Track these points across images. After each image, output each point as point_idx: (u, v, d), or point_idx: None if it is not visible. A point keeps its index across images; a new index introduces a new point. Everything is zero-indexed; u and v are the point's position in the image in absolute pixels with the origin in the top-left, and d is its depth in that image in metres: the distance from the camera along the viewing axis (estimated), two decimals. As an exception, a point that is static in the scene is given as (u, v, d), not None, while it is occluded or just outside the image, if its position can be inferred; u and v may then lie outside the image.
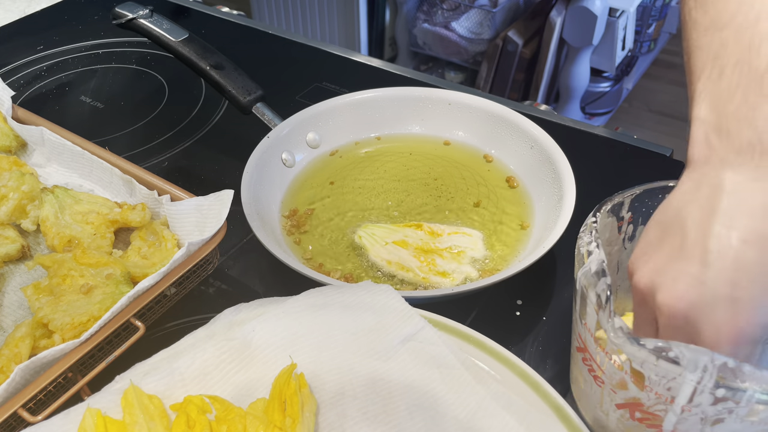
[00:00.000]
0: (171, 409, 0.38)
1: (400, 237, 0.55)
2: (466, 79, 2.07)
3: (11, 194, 0.54)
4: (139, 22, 0.69)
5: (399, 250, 0.54)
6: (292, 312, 0.43)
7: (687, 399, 0.31)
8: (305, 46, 0.91)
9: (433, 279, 0.52)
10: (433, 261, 0.53)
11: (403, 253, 0.54)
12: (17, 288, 0.52)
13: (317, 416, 0.39)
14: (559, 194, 0.55)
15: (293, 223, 0.58)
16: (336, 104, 0.66)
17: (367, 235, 0.56)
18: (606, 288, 0.34)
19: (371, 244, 0.55)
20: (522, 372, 0.41)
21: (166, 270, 0.46)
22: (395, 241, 0.55)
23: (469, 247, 0.55)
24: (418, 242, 0.55)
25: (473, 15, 1.91)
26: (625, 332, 0.32)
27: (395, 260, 0.53)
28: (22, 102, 0.80)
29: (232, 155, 0.70)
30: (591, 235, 0.37)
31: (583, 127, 0.73)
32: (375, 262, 0.54)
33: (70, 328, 0.44)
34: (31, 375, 0.41)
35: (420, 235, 0.55)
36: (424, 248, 0.54)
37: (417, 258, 0.53)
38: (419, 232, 0.55)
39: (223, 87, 0.65)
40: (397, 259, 0.53)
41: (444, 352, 0.41)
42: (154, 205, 0.55)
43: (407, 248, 0.54)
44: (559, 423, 0.38)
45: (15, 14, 1.01)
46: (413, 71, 0.84)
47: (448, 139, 0.67)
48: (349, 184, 0.63)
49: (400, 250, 0.54)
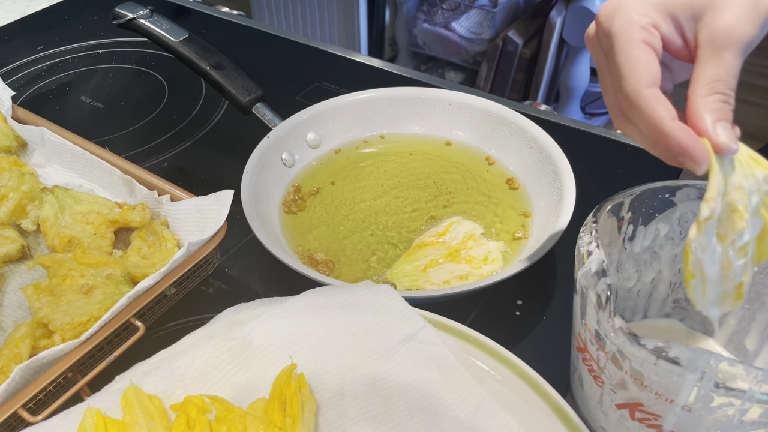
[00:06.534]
0: (171, 409, 0.38)
1: (427, 260, 0.53)
2: (466, 79, 2.07)
3: (11, 194, 0.54)
4: (139, 22, 0.69)
5: (439, 268, 0.53)
6: (292, 312, 0.43)
7: (687, 399, 0.31)
8: (305, 46, 0.91)
9: (486, 269, 0.53)
10: (468, 255, 0.53)
11: (446, 268, 0.52)
12: (17, 288, 0.52)
13: (317, 416, 0.39)
14: (559, 194, 0.55)
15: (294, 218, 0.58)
16: (336, 104, 0.66)
17: (400, 276, 0.53)
18: (606, 288, 0.34)
19: (413, 282, 0.52)
20: (522, 372, 0.41)
21: (166, 270, 0.46)
22: (427, 264, 0.53)
23: (474, 229, 0.56)
24: (443, 251, 0.54)
25: (473, 15, 1.91)
26: (625, 332, 0.32)
27: (448, 278, 0.52)
28: (22, 102, 0.80)
29: (232, 155, 0.70)
30: (591, 235, 0.37)
31: (583, 127, 0.73)
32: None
33: (70, 328, 0.44)
34: (31, 375, 0.41)
35: (436, 247, 0.55)
36: (451, 252, 0.54)
37: (458, 262, 0.53)
38: (431, 247, 0.55)
39: (223, 87, 0.65)
40: (448, 276, 0.52)
41: (444, 352, 0.41)
42: (154, 205, 0.55)
43: (443, 262, 0.53)
44: (559, 423, 0.38)
45: (15, 14, 1.01)
46: (413, 71, 0.84)
47: (449, 139, 0.67)
48: (350, 185, 0.63)
49: (440, 267, 0.53)
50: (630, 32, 0.33)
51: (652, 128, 0.32)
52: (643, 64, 0.33)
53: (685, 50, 0.34)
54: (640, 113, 0.33)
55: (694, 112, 0.32)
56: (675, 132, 0.31)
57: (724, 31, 0.32)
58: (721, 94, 0.32)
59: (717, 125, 0.31)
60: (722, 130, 0.31)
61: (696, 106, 0.32)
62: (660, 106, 0.32)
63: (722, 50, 0.32)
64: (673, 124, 0.32)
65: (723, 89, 0.32)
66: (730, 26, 0.32)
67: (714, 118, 0.31)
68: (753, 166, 0.32)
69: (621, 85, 0.33)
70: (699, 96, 0.32)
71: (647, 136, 0.33)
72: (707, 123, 0.31)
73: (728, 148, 0.31)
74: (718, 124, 0.31)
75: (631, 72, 0.33)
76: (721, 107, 0.32)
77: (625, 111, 0.34)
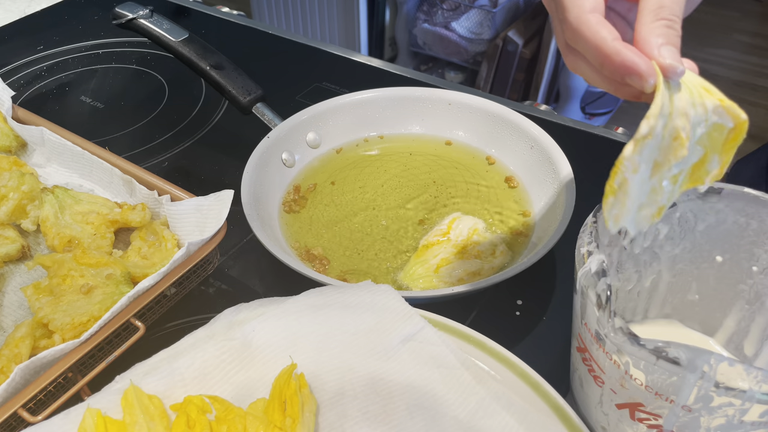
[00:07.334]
0: (171, 409, 0.38)
1: (437, 260, 0.53)
2: (466, 79, 2.07)
3: (11, 194, 0.54)
4: (139, 22, 0.69)
5: (451, 267, 0.53)
6: (292, 312, 0.43)
7: (687, 399, 0.31)
8: (305, 46, 0.91)
9: (496, 261, 0.53)
10: (476, 251, 0.53)
11: (458, 266, 0.52)
12: (17, 288, 0.52)
13: (317, 416, 0.39)
14: (559, 194, 0.55)
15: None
16: (336, 104, 0.66)
17: (414, 279, 0.53)
18: (606, 288, 0.34)
19: (427, 283, 0.52)
20: (522, 372, 0.41)
21: (166, 270, 0.47)
22: (438, 264, 0.53)
23: (476, 224, 0.56)
24: (451, 249, 0.54)
25: (473, 15, 1.92)
26: (625, 332, 0.32)
27: (462, 275, 0.52)
28: (22, 102, 0.80)
29: (232, 155, 0.70)
30: (591, 235, 0.37)
31: (583, 127, 0.73)
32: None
33: (70, 328, 0.44)
34: (31, 375, 0.41)
35: (443, 245, 0.55)
36: (459, 249, 0.54)
37: (468, 258, 0.53)
38: (438, 246, 0.55)
39: (223, 87, 0.65)
40: (462, 274, 0.52)
41: (444, 352, 0.41)
42: (154, 205, 0.55)
43: (453, 260, 0.53)
44: (559, 423, 0.38)
45: (15, 14, 1.01)
46: (413, 71, 0.84)
47: (449, 139, 0.67)
48: (350, 184, 0.63)
49: (452, 265, 0.53)
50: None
51: (596, 51, 0.32)
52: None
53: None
54: (584, 39, 0.33)
55: (639, 38, 0.32)
56: (619, 50, 0.31)
57: None
58: (666, 20, 0.32)
59: (662, 48, 0.32)
60: (668, 53, 0.31)
61: (641, 32, 0.32)
62: (602, 28, 0.32)
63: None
64: (616, 43, 0.32)
65: (668, 15, 0.32)
66: None
67: (660, 42, 0.32)
68: (704, 95, 0.32)
69: (565, 16, 0.34)
70: (644, 24, 0.32)
71: (593, 61, 0.33)
72: (653, 46, 0.32)
73: (673, 69, 0.31)
74: (663, 47, 0.32)
75: (572, 0, 0.33)
76: (666, 32, 0.32)
77: (571, 42, 0.34)
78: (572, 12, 0.33)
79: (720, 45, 2.62)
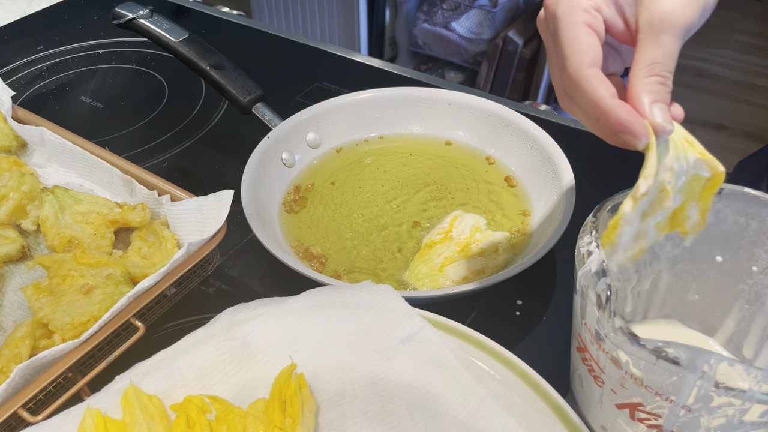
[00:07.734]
0: (171, 409, 0.38)
1: (441, 259, 0.53)
2: (466, 79, 2.07)
3: (11, 194, 0.54)
4: (139, 22, 0.69)
5: (456, 265, 0.53)
6: (292, 312, 0.43)
7: (687, 399, 0.31)
8: (305, 46, 0.91)
9: (500, 258, 0.53)
10: (480, 248, 0.53)
11: (463, 264, 0.53)
12: (17, 288, 0.52)
13: (317, 416, 0.39)
14: (559, 194, 0.55)
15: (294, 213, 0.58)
16: (336, 104, 0.66)
17: (419, 278, 0.53)
18: (606, 288, 0.34)
19: (433, 282, 0.52)
20: (522, 372, 0.41)
21: (166, 270, 0.47)
22: (443, 263, 0.53)
23: (478, 221, 0.56)
24: (454, 248, 0.54)
25: (473, 15, 1.92)
26: (625, 332, 0.32)
27: (467, 274, 0.52)
28: (22, 102, 0.80)
29: (232, 155, 0.70)
30: (591, 235, 0.37)
31: (583, 127, 0.73)
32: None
33: (70, 328, 0.44)
34: (31, 375, 0.41)
35: (446, 244, 0.55)
36: (462, 248, 0.54)
37: (472, 256, 0.53)
38: (441, 245, 0.55)
39: (223, 87, 0.65)
40: (467, 272, 0.52)
41: (444, 352, 0.41)
42: (154, 205, 0.55)
43: (458, 258, 0.53)
44: (559, 423, 0.38)
45: (15, 14, 1.01)
46: (413, 71, 0.84)
47: (449, 139, 0.67)
48: (350, 184, 0.63)
49: (457, 264, 0.53)
50: (573, 15, 0.34)
51: (593, 106, 0.33)
52: (585, 45, 0.34)
53: (627, 33, 0.35)
54: (581, 92, 0.34)
55: (632, 93, 0.33)
56: (614, 109, 0.32)
57: (662, 15, 0.33)
58: (658, 76, 0.33)
59: (654, 106, 0.32)
60: (658, 111, 0.32)
61: (634, 87, 0.33)
62: (600, 85, 0.33)
63: (660, 34, 0.33)
64: (613, 101, 0.32)
65: (660, 71, 0.33)
66: (668, 10, 0.32)
67: (651, 99, 0.33)
68: (687, 149, 0.33)
69: (564, 65, 0.34)
70: (638, 78, 0.33)
71: (589, 115, 0.34)
72: (644, 104, 0.32)
73: (663, 129, 0.32)
74: (654, 105, 0.32)
75: (573, 52, 0.34)
76: (658, 89, 0.33)
77: (568, 91, 0.35)
78: (572, 64, 0.34)
79: (720, 45, 2.62)
